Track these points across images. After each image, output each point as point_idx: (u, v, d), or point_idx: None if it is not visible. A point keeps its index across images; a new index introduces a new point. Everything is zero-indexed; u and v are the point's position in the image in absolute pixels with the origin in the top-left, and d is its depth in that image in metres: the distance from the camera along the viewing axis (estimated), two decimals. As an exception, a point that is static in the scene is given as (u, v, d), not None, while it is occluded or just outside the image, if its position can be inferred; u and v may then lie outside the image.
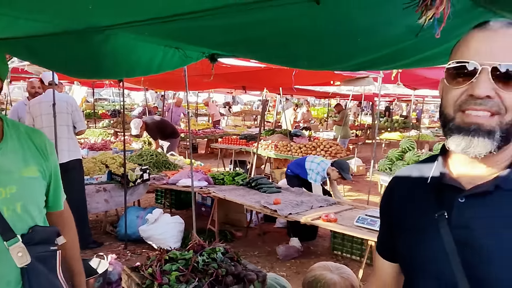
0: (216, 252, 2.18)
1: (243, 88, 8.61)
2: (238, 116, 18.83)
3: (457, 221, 0.90)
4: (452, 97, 0.89)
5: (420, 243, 0.97)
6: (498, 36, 0.86)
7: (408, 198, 1.04)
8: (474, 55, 0.86)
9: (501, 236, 0.85)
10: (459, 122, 0.87)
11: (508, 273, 0.83)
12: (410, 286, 1.03)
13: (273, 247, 4.90)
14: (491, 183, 0.88)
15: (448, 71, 0.91)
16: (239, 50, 2.56)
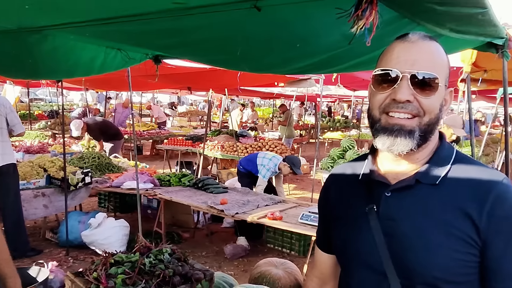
0: (163, 253, 2.18)
1: (189, 89, 8.56)
2: (184, 117, 18.64)
3: (384, 213, 1.00)
4: (378, 100, 0.99)
5: (353, 235, 1.06)
6: (416, 47, 0.97)
7: (343, 194, 1.14)
8: (396, 63, 0.96)
9: (420, 225, 0.95)
10: (384, 123, 0.98)
11: (427, 258, 0.93)
12: (345, 275, 1.13)
13: (220, 247, 4.94)
14: (412, 178, 0.99)
15: (374, 77, 1.01)
16: (183, 53, 2.58)
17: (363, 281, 1.04)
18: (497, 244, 0.91)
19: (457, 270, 0.93)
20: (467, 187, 0.95)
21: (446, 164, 1.00)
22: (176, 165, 8.70)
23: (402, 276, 0.96)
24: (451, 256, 0.92)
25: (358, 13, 1.45)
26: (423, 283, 0.94)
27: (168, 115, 18.24)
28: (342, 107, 25.78)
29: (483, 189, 0.93)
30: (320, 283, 1.27)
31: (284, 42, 1.97)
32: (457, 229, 0.92)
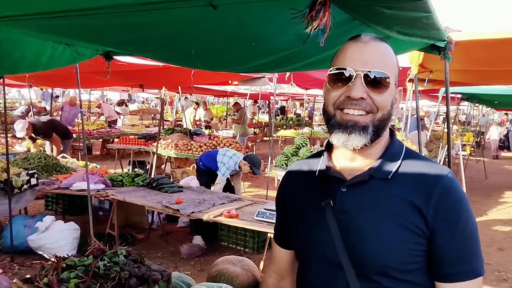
0: (118, 255, 2.13)
1: (141, 86, 8.33)
2: (136, 115, 18.15)
3: (339, 208, 1.04)
4: (333, 97, 1.03)
5: (310, 229, 1.10)
6: (368, 47, 1.02)
7: (300, 190, 1.17)
8: (350, 62, 1.01)
9: (373, 218, 1.00)
10: (339, 119, 1.02)
11: (379, 249, 0.98)
12: (303, 269, 1.16)
13: (176, 247, 4.88)
14: (366, 173, 1.04)
15: (330, 76, 1.05)
16: (136, 50, 2.52)
17: (321, 274, 1.07)
18: (443, 233, 0.97)
19: (408, 259, 0.98)
20: (415, 181, 1.01)
21: (397, 160, 1.05)
22: (129, 164, 8.47)
23: (357, 267, 1.00)
24: (402, 246, 0.98)
25: (312, 14, 1.49)
26: (377, 272, 0.99)
27: (119, 113, 17.69)
28: (295, 105, 26.20)
29: (430, 183, 0.99)
30: (279, 278, 1.30)
31: (239, 41, 1.98)
32: (407, 220, 0.98)
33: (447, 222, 0.97)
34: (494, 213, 7.32)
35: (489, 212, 7.36)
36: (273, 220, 3.67)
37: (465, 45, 2.65)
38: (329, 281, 1.05)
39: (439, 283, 1.00)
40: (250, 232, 4.77)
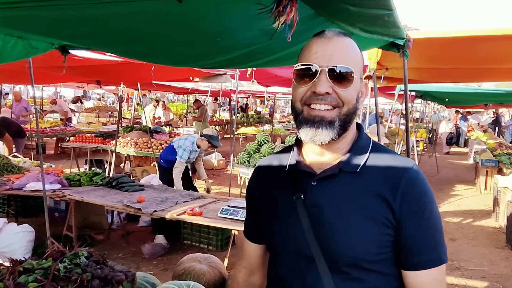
0: (79, 257, 2.05)
1: (97, 83, 8.06)
2: (92, 113, 17.55)
3: (310, 201, 1.05)
4: (300, 93, 1.04)
5: (282, 223, 1.10)
6: (332, 43, 1.03)
7: (270, 185, 1.17)
8: (315, 58, 1.02)
9: (343, 210, 1.02)
10: (306, 115, 1.03)
11: (350, 241, 1.00)
12: (274, 263, 1.16)
13: (138, 247, 4.77)
14: (336, 167, 1.06)
15: (296, 72, 1.06)
16: (96, 43, 2.43)
17: (292, 267, 1.08)
18: (409, 223, 1.00)
19: (376, 250, 1.01)
20: (383, 174, 1.04)
21: (364, 153, 1.08)
22: (85, 163, 8.18)
23: (328, 259, 1.01)
24: (371, 237, 1.00)
25: (279, 9, 1.50)
26: (347, 264, 1.01)
27: (74, 110, 17.04)
28: (256, 103, 26.31)
29: (396, 175, 1.02)
30: (249, 273, 1.30)
31: (204, 36, 1.95)
32: (376, 212, 1.00)
33: (413, 213, 1.00)
34: (446, 205, 7.69)
35: (441, 205, 7.72)
36: (237, 217, 3.67)
37: (421, 43, 2.75)
38: (300, 274, 1.06)
39: (406, 271, 1.04)
40: (213, 229, 4.75)
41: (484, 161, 8.56)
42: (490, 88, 9.21)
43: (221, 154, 10.82)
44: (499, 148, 9.95)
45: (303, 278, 1.06)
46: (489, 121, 18.80)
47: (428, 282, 1.02)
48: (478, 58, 3.74)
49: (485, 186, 8.70)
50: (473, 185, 9.49)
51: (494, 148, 10.13)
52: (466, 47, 3.27)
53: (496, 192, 6.57)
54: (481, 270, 4.68)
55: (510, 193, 5.74)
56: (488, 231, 6.19)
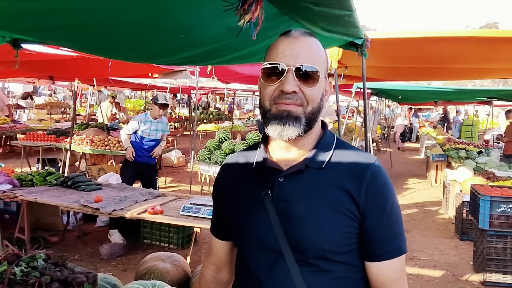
0: (37, 260, 1.97)
1: (50, 78, 7.69)
2: (43, 109, 16.77)
3: (278, 196, 1.07)
4: (268, 92, 1.06)
5: (250, 219, 1.12)
6: (299, 42, 1.06)
7: (238, 182, 1.19)
8: (282, 57, 1.04)
9: (310, 204, 1.05)
10: (274, 111, 1.05)
11: (317, 233, 1.03)
12: (242, 258, 1.17)
13: (95, 248, 4.64)
14: (302, 163, 1.09)
15: (263, 70, 1.08)
16: (52, 38, 2.32)
17: (260, 261, 1.09)
18: (372, 216, 1.05)
19: (342, 241, 1.05)
20: (347, 169, 1.07)
21: (329, 150, 1.11)
22: (37, 162, 7.82)
23: (296, 252, 1.04)
24: (337, 229, 1.04)
25: (245, 7, 1.51)
26: (315, 256, 1.04)
27: (23, 106, 16.21)
28: (215, 99, 26.17)
29: (360, 170, 1.07)
30: (217, 270, 1.31)
31: (168, 32, 1.92)
32: (341, 205, 1.04)
33: (376, 206, 1.05)
34: (399, 199, 8.00)
35: (395, 198, 8.05)
36: (199, 215, 3.65)
37: (378, 43, 2.86)
38: (269, 268, 1.08)
39: (369, 262, 1.08)
40: (174, 228, 4.70)
41: (434, 155, 9.00)
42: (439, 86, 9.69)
43: (181, 151, 10.70)
44: (448, 143, 10.50)
45: (271, 271, 1.07)
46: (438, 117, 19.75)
47: (390, 272, 1.08)
48: (429, 58, 3.93)
49: (436, 179, 9.16)
50: (424, 179, 9.96)
51: (443, 143, 10.68)
52: (419, 48, 3.43)
53: (446, 185, 6.93)
54: (432, 260, 4.93)
55: (458, 186, 6.08)
56: (439, 222, 6.53)
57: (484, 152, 8.91)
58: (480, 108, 19.96)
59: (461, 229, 5.64)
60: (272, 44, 1.10)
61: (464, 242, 5.51)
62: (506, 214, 4.13)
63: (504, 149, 8.72)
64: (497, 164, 7.37)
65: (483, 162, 7.53)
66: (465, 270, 4.63)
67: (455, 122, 17.77)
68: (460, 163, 7.69)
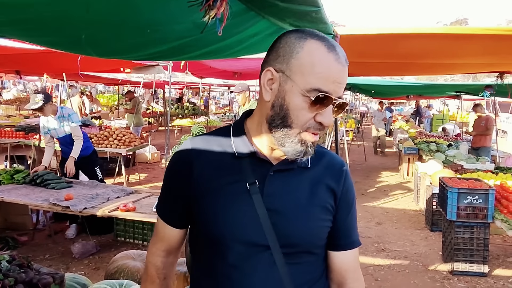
0: (0, 261, 1.91)
1: (17, 73, 7.45)
2: (12, 105, 16.23)
3: (267, 191, 1.06)
4: (304, 118, 0.99)
5: (231, 210, 1.05)
6: (345, 72, 0.99)
7: (214, 170, 1.09)
8: (333, 87, 0.97)
9: (299, 200, 1.08)
10: (304, 138, 1.00)
11: (307, 229, 1.07)
12: (217, 251, 1.08)
13: (67, 247, 4.55)
14: (293, 162, 1.07)
15: (308, 93, 0.96)
16: (14, 33, 2.24)
17: (242, 256, 1.05)
18: (343, 210, 1.16)
19: (324, 235, 1.13)
20: (327, 168, 1.15)
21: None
22: (5, 160, 7.59)
23: (283, 246, 1.05)
24: (323, 224, 1.11)
25: (210, 3, 1.49)
26: (301, 250, 1.09)
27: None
28: (191, 94, 25.96)
29: (338, 169, 1.17)
30: (167, 255, 1.23)
31: (133, 27, 1.89)
32: (325, 201, 1.11)
33: (347, 201, 1.16)
34: (373, 192, 8.19)
35: (368, 191, 8.21)
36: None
37: (347, 39, 2.88)
38: (252, 263, 1.05)
39: (334, 252, 1.17)
40: (148, 224, 4.65)
41: (406, 149, 9.21)
42: (410, 81, 9.88)
43: (156, 147, 10.58)
44: (419, 137, 10.75)
45: (254, 266, 1.04)
46: (411, 111, 20.18)
47: (352, 260, 1.19)
48: (399, 53, 4.00)
49: (408, 172, 9.38)
50: (397, 172, 10.18)
51: (415, 136, 10.93)
52: (388, 44, 3.48)
53: (417, 178, 7.11)
54: (404, 251, 5.06)
55: (429, 179, 6.24)
56: (410, 214, 6.70)
57: (454, 145, 9.17)
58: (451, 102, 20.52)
59: (431, 221, 5.80)
60: (314, 56, 0.97)
61: (434, 233, 5.68)
62: (473, 205, 4.27)
63: (472, 142, 8.98)
64: (465, 156, 7.60)
65: (452, 155, 7.75)
66: (435, 260, 4.77)
67: (426, 116, 18.21)
68: (431, 156, 7.89)
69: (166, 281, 1.24)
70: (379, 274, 4.38)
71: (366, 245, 5.19)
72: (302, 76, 0.97)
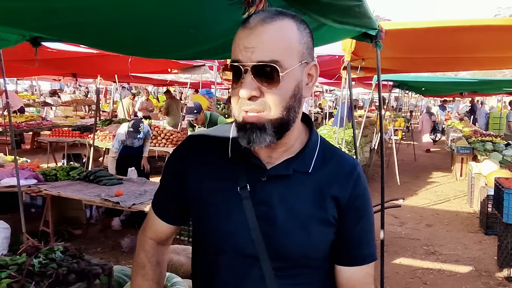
0: (55, 252, 2.03)
1: (73, 76, 7.89)
2: (69, 106, 17.21)
3: (259, 198, 0.96)
4: (234, 97, 0.91)
5: (222, 216, 0.98)
6: (255, 33, 0.86)
7: (207, 169, 1.03)
8: (238, 53, 0.87)
9: (295, 211, 0.96)
10: (239, 122, 0.91)
11: (304, 242, 0.96)
12: (206, 261, 1.04)
13: (117, 241, 4.74)
14: (289, 167, 0.98)
15: (226, 68, 0.92)
16: (67, 35, 2.38)
17: (229, 265, 0.99)
18: (350, 218, 1.00)
19: (324, 247, 1.00)
20: (332, 173, 1.00)
21: (314, 151, 1.02)
22: (63, 158, 8.04)
23: (274, 259, 0.96)
24: (321, 237, 0.98)
25: (249, 0, 1.51)
26: (296, 264, 0.98)
27: (50, 104, 16.66)
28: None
29: (345, 173, 1.01)
30: (157, 243, 1.18)
31: (177, 28, 1.94)
32: (326, 212, 0.98)
33: (356, 209, 1.00)
34: (423, 192, 7.88)
35: (418, 192, 7.91)
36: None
37: (394, 33, 2.80)
38: (241, 272, 0.99)
39: (340, 266, 1.03)
40: (193, 221, 4.75)
41: (460, 148, 8.78)
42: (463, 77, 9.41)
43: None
44: (474, 136, 10.21)
45: (243, 279, 0.98)
46: (466, 109, 19.21)
47: (361, 277, 1.03)
48: (451, 47, 3.82)
49: (461, 173, 8.93)
50: (449, 172, 9.73)
51: (469, 135, 10.40)
52: (439, 38, 3.34)
53: (471, 178, 6.76)
54: (455, 254, 4.83)
55: (484, 180, 5.92)
56: (463, 216, 6.38)
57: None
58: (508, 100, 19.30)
59: (485, 223, 5.49)
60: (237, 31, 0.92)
61: (489, 236, 5.37)
62: (532, 208, 4.00)
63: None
64: (525, 156, 7.14)
65: (510, 155, 7.30)
66: (489, 265, 4.52)
67: (481, 114, 17.23)
68: (486, 156, 7.47)
69: (160, 267, 1.16)
70: (428, 277, 4.21)
71: (414, 247, 5.01)
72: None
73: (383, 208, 2.98)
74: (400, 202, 5.81)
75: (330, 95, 22.18)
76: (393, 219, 6.05)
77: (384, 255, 3.20)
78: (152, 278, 1.12)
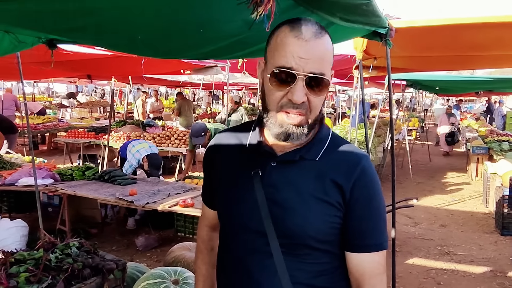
0: (70, 247, 2.09)
1: (88, 77, 8.03)
2: (84, 108, 17.48)
3: (268, 181, 1.09)
4: (275, 99, 1.04)
5: (236, 197, 1.13)
6: (310, 46, 1.00)
7: (229, 161, 1.19)
8: (292, 61, 0.99)
9: (300, 193, 1.07)
10: (280, 120, 1.04)
11: (304, 221, 1.05)
12: (225, 236, 1.21)
13: (131, 240, 4.82)
14: (296, 154, 1.09)
15: (273, 74, 1.02)
16: (81, 37, 2.43)
17: (242, 242, 1.12)
18: (358, 206, 1.08)
19: (327, 230, 1.08)
20: (339, 162, 1.10)
21: (324, 143, 1.13)
22: (78, 158, 8.19)
23: (280, 236, 1.06)
24: (323, 219, 1.06)
25: (257, 0, 1.53)
26: (299, 242, 1.07)
27: (66, 106, 16.96)
28: (251, 95, 26.30)
29: (351, 163, 1.09)
30: (211, 230, 1.36)
31: (186, 28, 1.97)
32: (330, 196, 1.07)
33: (363, 198, 1.08)
34: (437, 193, 7.79)
35: (432, 192, 7.82)
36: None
37: (404, 32, 2.78)
38: (251, 248, 1.10)
39: (349, 252, 1.10)
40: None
41: (475, 148, 8.65)
42: (479, 76, 9.27)
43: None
44: (491, 136, 10.05)
45: (253, 253, 1.09)
46: (482, 109, 18.90)
47: (370, 265, 1.10)
48: (464, 45, 3.77)
49: (476, 173, 8.80)
50: (464, 173, 9.60)
51: (485, 135, 10.24)
52: (452, 35, 3.30)
53: (486, 179, 6.66)
54: (470, 255, 4.77)
55: (499, 180, 5.83)
56: (478, 216, 6.29)
57: (530, 144, 8.48)
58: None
59: (501, 224, 5.42)
60: (277, 38, 1.04)
61: (505, 237, 5.30)
62: (548, 208, 3.93)
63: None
64: (542, 156, 7.00)
65: (527, 154, 7.18)
66: (504, 266, 4.45)
67: (498, 113, 16.92)
68: (502, 156, 7.36)
69: (214, 252, 1.30)
70: (441, 278, 4.18)
71: (428, 247, 4.97)
72: (272, 59, 1.04)
73: (394, 207, 2.97)
74: (413, 202, 5.77)
75: (343, 95, 22.06)
76: (407, 220, 6.00)
77: (395, 254, 3.19)
78: (208, 262, 1.34)
